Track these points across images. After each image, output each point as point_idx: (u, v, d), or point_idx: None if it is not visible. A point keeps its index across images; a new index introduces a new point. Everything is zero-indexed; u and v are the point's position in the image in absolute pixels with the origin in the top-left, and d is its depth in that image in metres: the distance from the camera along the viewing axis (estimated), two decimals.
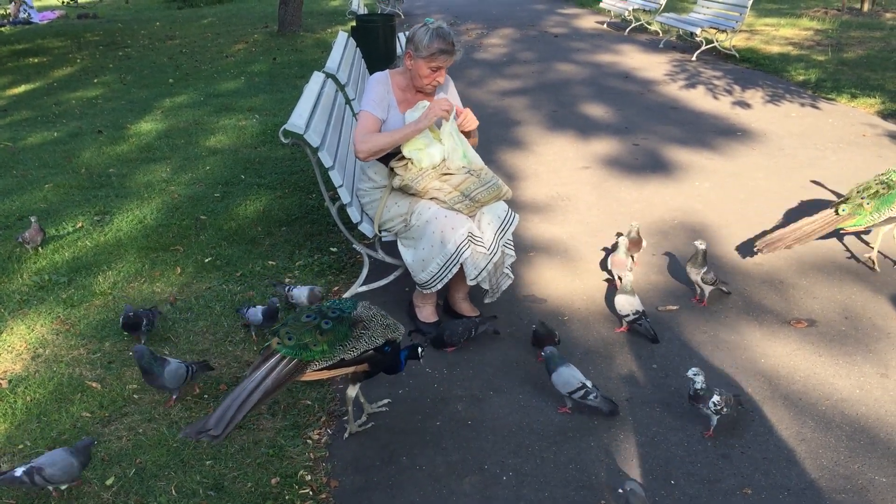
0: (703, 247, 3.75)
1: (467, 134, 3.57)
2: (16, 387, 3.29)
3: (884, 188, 3.94)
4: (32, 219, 4.56)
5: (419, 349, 2.95)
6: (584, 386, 2.95)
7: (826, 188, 5.32)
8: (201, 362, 3.22)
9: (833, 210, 4.01)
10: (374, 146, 3.38)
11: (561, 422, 3.00)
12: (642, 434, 2.91)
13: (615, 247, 3.98)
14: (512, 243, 3.60)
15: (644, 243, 4.06)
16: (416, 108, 3.52)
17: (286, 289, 3.80)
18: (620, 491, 2.39)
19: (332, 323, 2.61)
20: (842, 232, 4.26)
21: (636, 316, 3.53)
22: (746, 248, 4.44)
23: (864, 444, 2.81)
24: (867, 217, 3.94)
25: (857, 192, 4.02)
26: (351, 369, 2.73)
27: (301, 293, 3.74)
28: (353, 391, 2.86)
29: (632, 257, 4.08)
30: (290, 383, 2.60)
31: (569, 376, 2.97)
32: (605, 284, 4.08)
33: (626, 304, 3.54)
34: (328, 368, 2.62)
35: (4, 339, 3.69)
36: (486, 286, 3.59)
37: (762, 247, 4.02)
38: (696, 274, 3.77)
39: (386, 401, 3.14)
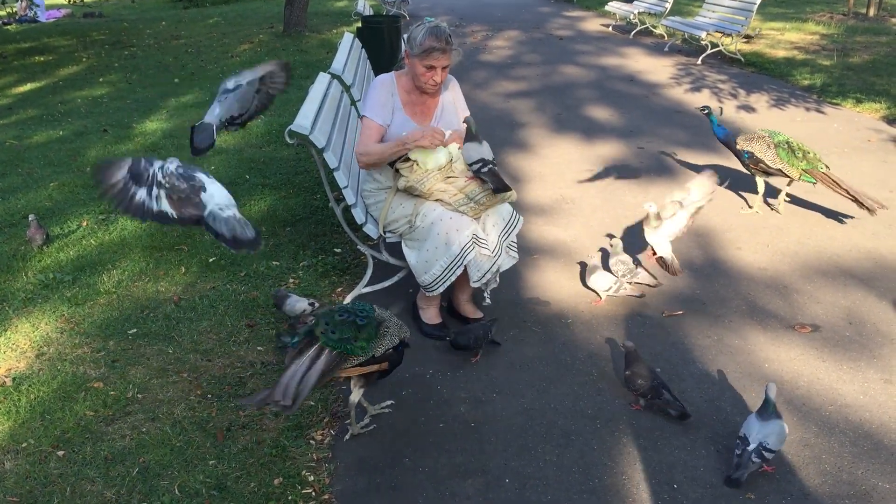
0: (652, 209, 3.86)
1: None
2: (20, 385, 3.30)
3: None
4: (31, 217, 4.58)
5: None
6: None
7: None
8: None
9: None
10: (370, 160, 3.43)
11: (564, 425, 2.99)
12: (645, 438, 2.91)
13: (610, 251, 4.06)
14: (516, 245, 3.60)
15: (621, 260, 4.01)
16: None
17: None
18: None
19: (366, 321, 2.66)
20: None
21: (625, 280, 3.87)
22: (751, 253, 4.44)
23: (867, 450, 2.81)
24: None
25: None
26: (375, 367, 2.76)
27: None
28: (356, 395, 2.86)
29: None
30: (336, 373, 2.64)
31: None
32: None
33: (621, 265, 3.89)
34: (361, 365, 2.67)
35: (9, 337, 3.70)
36: (488, 289, 3.58)
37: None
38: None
39: (389, 402, 3.15)
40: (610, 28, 14.00)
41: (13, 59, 12.41)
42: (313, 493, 2.67)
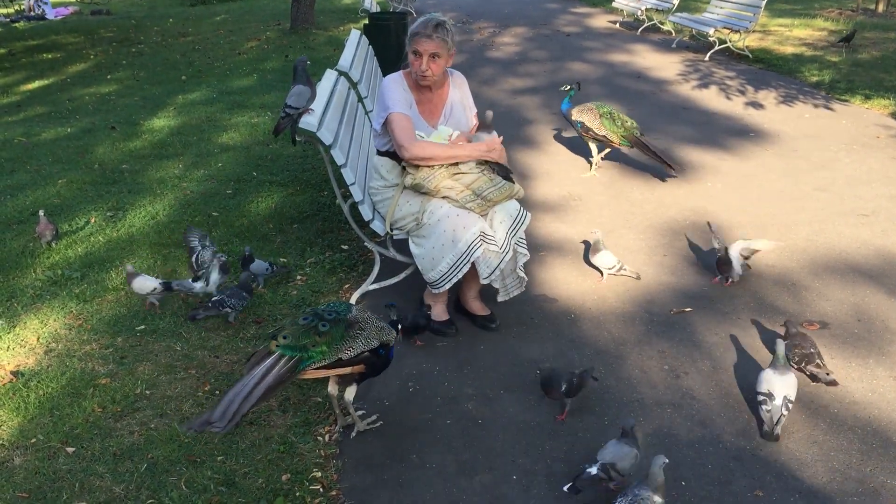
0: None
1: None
2: (28, 381, 3.31)
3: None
4: (40, 213, 4.60)
5: (398, 324, 2.97)
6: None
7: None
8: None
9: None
10: (426, 154, 3.38)
11: (571, 422, 2.99)
12: (653, 435, 2.90)
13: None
14: (525, 242, 3.60)
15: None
16: (440, 131, 3.53)
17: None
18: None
19: (329, 325, 2.61)
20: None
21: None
22: None
23: (876, 447, 2.80)
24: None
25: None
26: (349, 369, 2.73)
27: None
28: (350, 394, 2.85)
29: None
30: (291, 381, 2.60)
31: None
32: (617, 284, 4.07)
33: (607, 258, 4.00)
34: (326, 367, 2.63)
35: (18, 333, 3.72)
36: (497, 285, 3.58)
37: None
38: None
39: (362, 411, 3.10)
40: (617, 24, 13.96)
41: (21, 57, 12.46)
42: (321, 489, 2.68)
